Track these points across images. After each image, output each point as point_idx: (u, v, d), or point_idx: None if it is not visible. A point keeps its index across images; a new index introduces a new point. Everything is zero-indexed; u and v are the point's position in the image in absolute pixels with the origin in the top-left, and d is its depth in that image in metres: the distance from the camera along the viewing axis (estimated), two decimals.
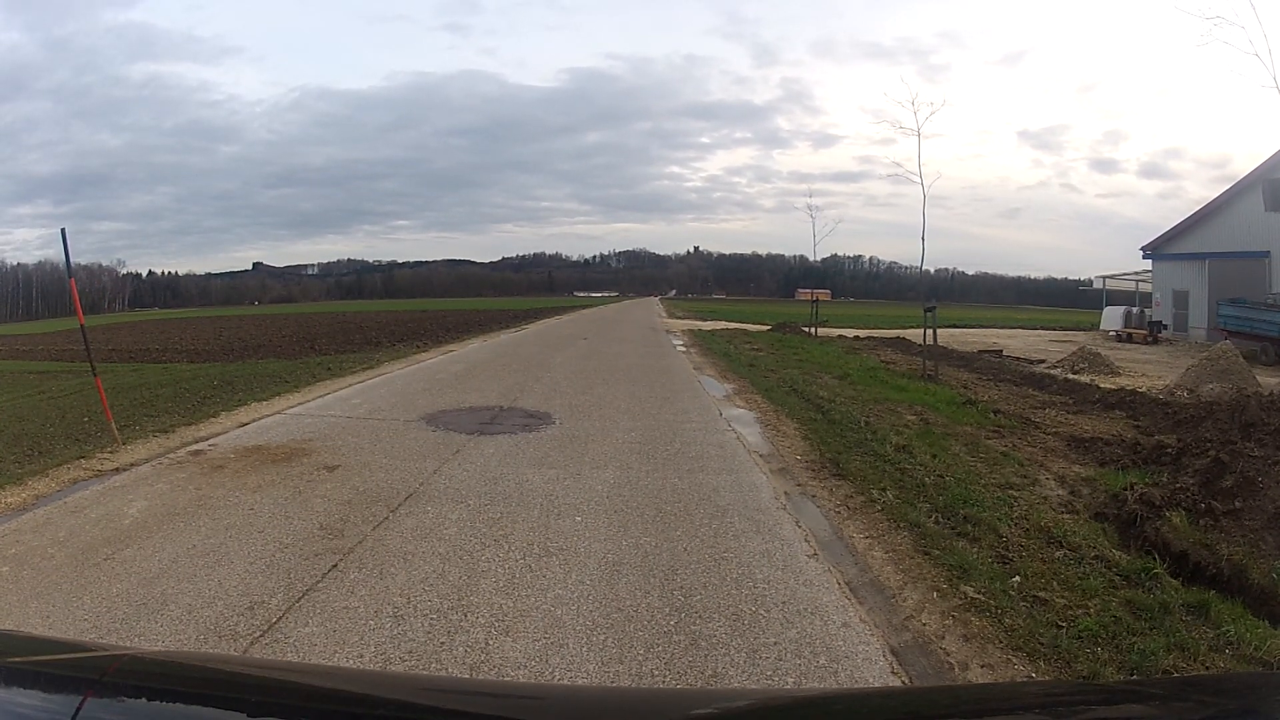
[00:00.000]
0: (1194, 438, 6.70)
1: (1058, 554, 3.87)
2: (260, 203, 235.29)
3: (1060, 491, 5.26)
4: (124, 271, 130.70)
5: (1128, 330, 25.35)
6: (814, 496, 4.70)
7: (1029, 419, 8.02)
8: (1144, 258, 28.09)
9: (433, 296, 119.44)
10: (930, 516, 4.02)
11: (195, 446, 5.73)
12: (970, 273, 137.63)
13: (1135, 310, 27.04)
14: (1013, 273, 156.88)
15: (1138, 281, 30.82)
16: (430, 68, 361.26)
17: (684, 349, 16.70)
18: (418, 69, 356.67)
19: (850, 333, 24.62)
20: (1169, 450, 6.65)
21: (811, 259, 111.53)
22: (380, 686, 1.18)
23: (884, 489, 4.53)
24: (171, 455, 5.48)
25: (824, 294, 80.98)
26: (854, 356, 15.18)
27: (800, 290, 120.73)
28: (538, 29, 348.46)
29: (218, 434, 6.23)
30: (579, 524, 4.00)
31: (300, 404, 7.80)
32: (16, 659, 1.00)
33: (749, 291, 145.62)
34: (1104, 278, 34.34)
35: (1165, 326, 25.14)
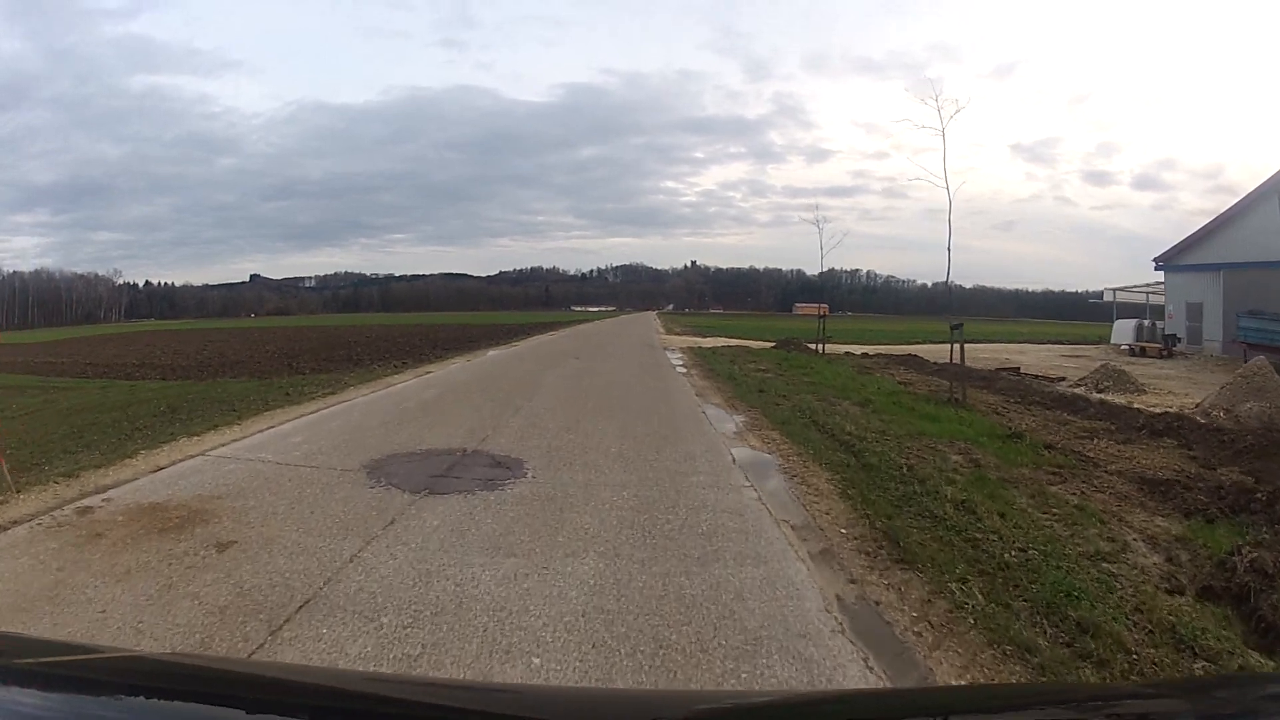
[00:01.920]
0: None
1: (1196, 666, 2.99)
2: (258, 214, 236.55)
3: (1156, 559, 4.27)
4: (120, 281, 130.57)
5: (1140, 344, 24.52)
6: (878, 603, 3.37)
7: (1083, 454, 7.05)
8: (1156, 269, 27.29)
9: (430, 310, 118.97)
10: (1035, 625, 2.96)
11: (88, 501, 4.70)
12: (968, 286, 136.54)
13: (1147, 323, 26.19)
14: (1010, 285, 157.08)
15: (1148, 293, 30.04)
16: (426, 82, 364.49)
17: (684, 369, 15.62)
18: (414, 83, 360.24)
19: (857, 349, 23.67)
20: (1258, 496, 5.76)
21: (818, 270, 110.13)
22: (380, 687, 1.19)
23: (964, 581, 3.36)
24: (59, 511, 4.48)
25: (823, 308, 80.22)
26: (869, 377, 14.15)
27: (799, 305, 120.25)
28: (532, 44, 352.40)
29: (124, 481, 5.19)
30: (535, 670, 2.63)
31: (234, 440, 6.70)
32: (16, 659, 1.01)
33: (746, 306, 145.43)
34: (1113, 290, 33.52)
35: (1179, 339, 24.28)
